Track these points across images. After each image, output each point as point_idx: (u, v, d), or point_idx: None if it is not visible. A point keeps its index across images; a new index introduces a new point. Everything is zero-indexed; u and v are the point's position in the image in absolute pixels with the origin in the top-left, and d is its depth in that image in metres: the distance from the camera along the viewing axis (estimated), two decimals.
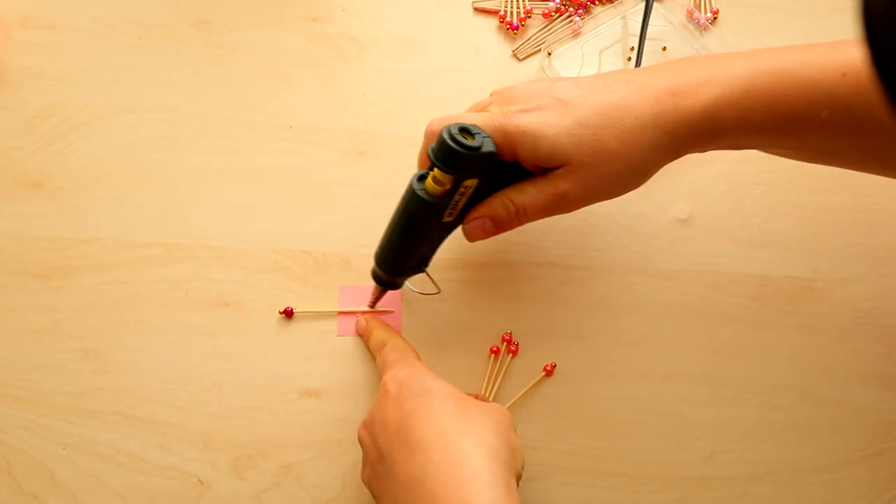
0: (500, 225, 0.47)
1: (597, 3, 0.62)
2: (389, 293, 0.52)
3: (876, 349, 0.53)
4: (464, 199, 0.45)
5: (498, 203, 0.46)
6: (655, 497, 0.49)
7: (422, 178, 0.45)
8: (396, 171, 0.57)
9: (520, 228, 0.48)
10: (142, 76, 0.59)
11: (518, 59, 0.61)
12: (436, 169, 0.43)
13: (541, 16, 0.62)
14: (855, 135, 0.43)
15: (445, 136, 0.42)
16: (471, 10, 0.62)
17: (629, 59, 0.59)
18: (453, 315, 0.53)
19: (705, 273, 0.55)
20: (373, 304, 0.52)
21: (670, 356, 0.53)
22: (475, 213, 0.47)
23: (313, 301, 0.53)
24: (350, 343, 0.52)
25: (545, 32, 0.61)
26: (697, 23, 0.61)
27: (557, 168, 0.44)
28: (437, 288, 0.51)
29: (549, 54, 0.60)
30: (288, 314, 0.53)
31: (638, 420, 0.51)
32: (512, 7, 0.62)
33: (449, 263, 0.54)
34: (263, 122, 0.58)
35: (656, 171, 0.46)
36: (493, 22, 0.62)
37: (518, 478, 0.43)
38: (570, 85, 0.45)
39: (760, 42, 0.61)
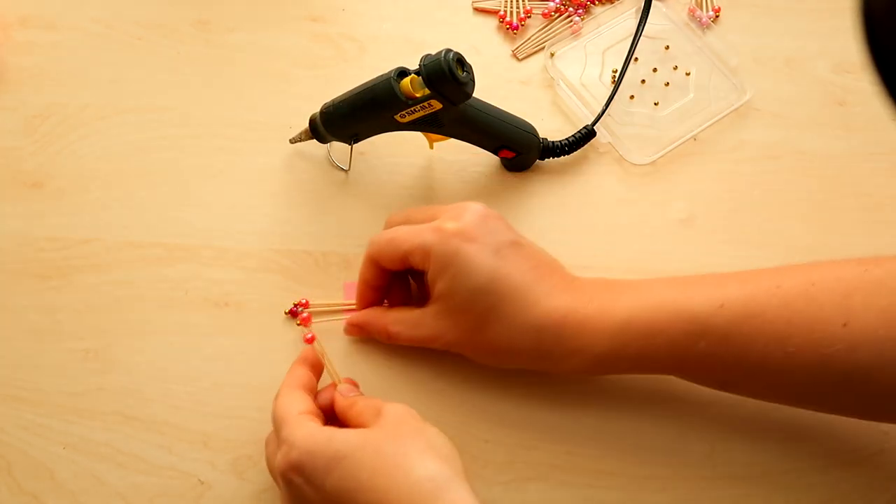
0: (371, 336, 0.51)
1: (597, 2, 0.62)
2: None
3: None
4: (420, 114, 0.49)
5: (375, 323, 0.50)
6: (655, 497, 0.49)
7: (401, 74, 0.49)
8: (397, 170, 0.57)
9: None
10: (142, 76, 0.59)
11: (518, 59, 0.61)
12: (418, 77, 0.48)
13: (541, 16, 0.62)
14: (741, 366, 0.43)
15: (442, 58, 0.47)
16: (471, 10, 0.62)
17: (636, 59, 0.59)
18: None
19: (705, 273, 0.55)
20: (293, 141, 0.56)
21: None
22: (356, 320, 0.51)
23: (313, 301, 0.53)
24: (351, 342, 0.52)
25: (545, 32, 0.61)
26: (699, 21, 0.61)
27: (436, 307, 0.47)
28: (348, 167, 0.56)
29: (552, 55, 0.60)
30: (293, 314, 0.53)
31: (638, 420, 0.51)
32: (512, 7, 0.62)
33: None
34: (263, 122, 0.58)
35: (525, 365, 0.48)
36: (492, 22, 0.62)
37: (462, 469, 0.42)
38: (512, 247, 0.47)
39: (761, 41, 0.61)
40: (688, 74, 0.59)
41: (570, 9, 0.62)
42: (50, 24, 0.60)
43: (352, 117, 0.52)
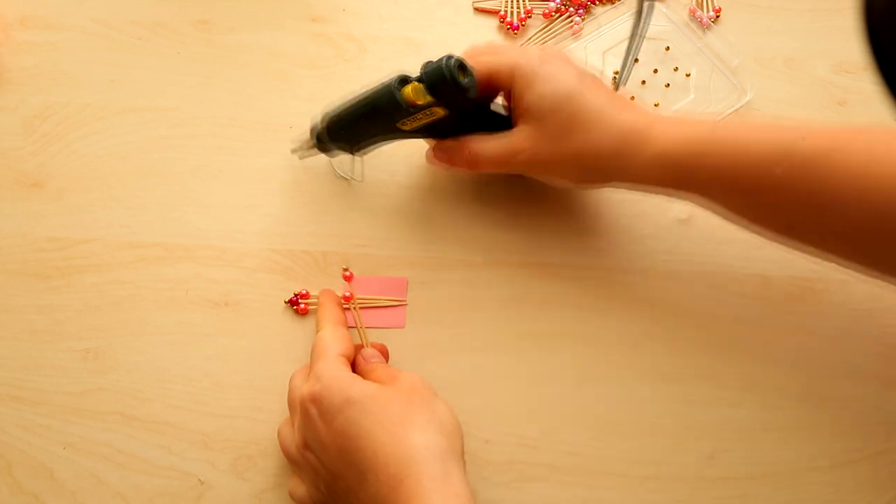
0: (454, 163, 0.51)
1: (597, 3, 0.62)
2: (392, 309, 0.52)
3: (876, 349, 0.53)
4: (423, 121, 0.48)
5: (458, 145, 0.50)
6: (655, 497, 0.49)
7: (403, 82, 0.48)
8: (397, 170, 0.57)
9: (521, 228, 0.49)
10: (142, 76, 0.59)
11: None
12: (420, 84, 0.46)
13: (541, 16, 0.62)
14: (813, 203, 0.43)
15: (443, 65, 0.45)
16: (471, 10, 0.62)
17: (636, 60, 0.59)
18: (453, 315, 0.53)
19: (705, 273, 0.55)
20: (294, 151, 0.56)
21: (670, 356, 0.53)
22: (439, 146, 0.51)
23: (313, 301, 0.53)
24: None
25: (545, 33, 0.61)
26: (700, 22, 0.61)
27: (519, 126, 0.48)
28: (360, 177, 0.55)
29: None
30: (293, 303, 0.53)
31: (638, 420, 0.51)
32: (512, 7, 0.62)
33: (449, 263, 0.54)
34: (263, 122, 0.58)
35: (599, 183, 0.50)
36: (493, 22, 0.62)
37: (461, 451, 0.43)
38: (580, 78, 0.48)
39: (762, 41, 0.61)
40: (688, 76, 0.59)
41: (571, 9, 0.62)
42: (50, 24, 0.60)
43: (354, 126, 0.51)
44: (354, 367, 0.49)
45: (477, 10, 0.62)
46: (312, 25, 0.61)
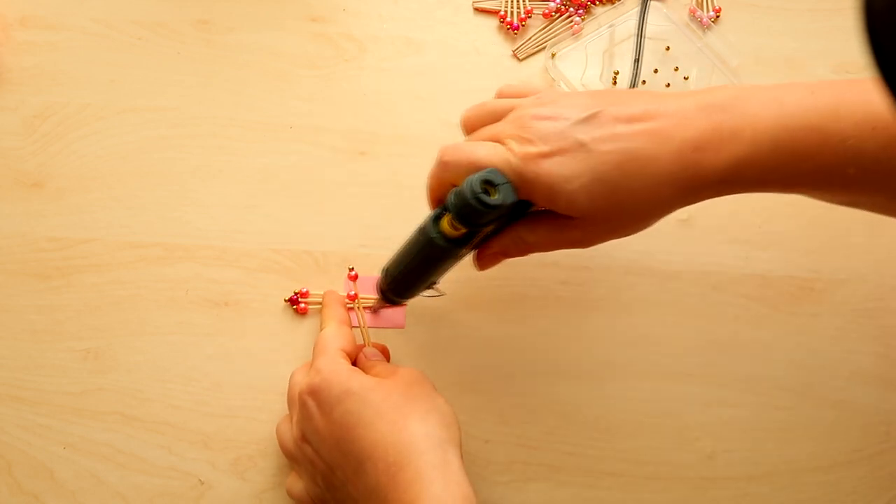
0: (509, 256, 0.46)
1: (597, 3, 0.62)
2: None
3: (876, 349, 0.53)
4: (478, 239, 0.44)
5: (509, 241, 0.45)
6: (655, 497, 0.49)
7: (437, 218, 0.42)
8: (396, 171, 0.57)
9: None
10: (142, 76, 0.59)
11: (518, 59, 0.61)
12: (451, 218, 0.41)
13: (541, 16, 0.62)
14: (882, 190, 0.42)
15: (468, 195, 0.39)
16: (471, 10, 0.62)
17: (635, 60, 0.59)
18: (453, 315, 0.53)
19: (705, 273, 0.55)
20: (375, 310, 0.52)
21: (670, 356, 0.53)
22: (488, 251, 0.46)
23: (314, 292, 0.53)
24: None
25: (545, 32, 0.61)
26: (700, 21, 0.61)
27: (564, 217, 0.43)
28: (441, 292, 0.50)
29: (553, 55, 0.60)
30: (293, 302, 0.53)
31: (638, 420, 0.51)
32: (512, 7, 0.62)
33: None
34: (263, 122, 0.58)
35: (669, 213, 0.44)
36: (493, 22, 0.62)
37: (460, 443, 0.43)
38: (590, 122, 0.42)
39: (762, 41, 0.61)
40: (686, 79, 0.59)
41: (571, 9, 0.62)
42: (50, 24, 0.60)
43: (419, 281, 0.47)
44: (356, 364, 0.49)
45: (477, 10, 0.62)
46: (312, 25, 0.61)
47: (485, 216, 0.40)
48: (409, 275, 0.46)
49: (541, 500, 0.49)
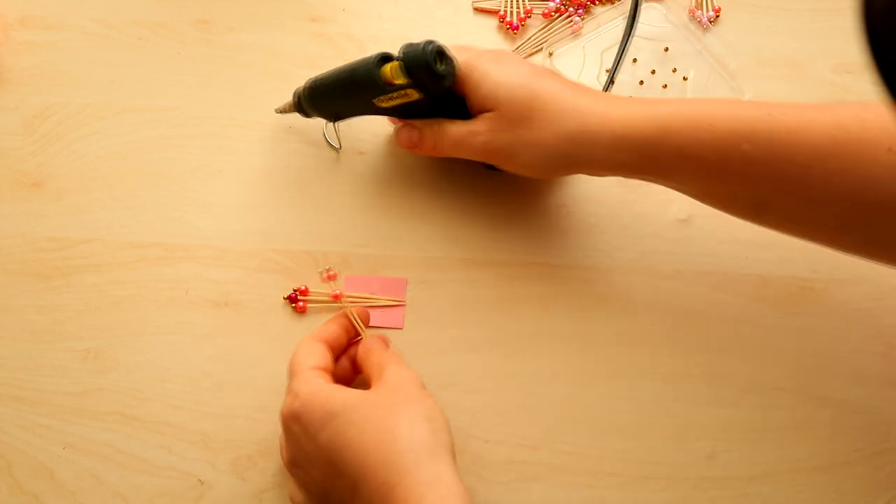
0: (420, 140, 0.51)
1: (597, 3, 0.62)
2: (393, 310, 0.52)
3: (876, 349, 0.53)
4: (398, 101, 0.49)
5: (422, 127, 0.51)
6: (655, 497, 0.49)
7: (383, 60, 0.49)
8: (396, 171, 0.57)
9: (521, 228, 0.49)
10: (142, 76, 0.59)
11: None
12: (399, 65, 0.47)
13: (541, 16, 0.62)
14: (781, 181, 0.43)
15: (422, 48, 0.46)
16: (471, 10, 0.62)
17: (634, 60, 0.59)
18: (453, 315, 0.53)
19: (705, 273, 0.55)
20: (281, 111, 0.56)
21: (670, 356, 0.53)
22: (405, 127, 0.52)
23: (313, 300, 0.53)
24: None
25: (545, 32, 0.61)
26: (699, 22, 0.61)
27: (479, 115, 0.49)
28: (339, 144, 0.56)
29: (551, 55, 0.60)
30: (292, 299, 0.53)
31: (638, 420, 0.51)
32: (512, 7, 0.62)
33: (449, 263, 0.54)
34: (263, 122, 0.58)
35: (564, 170, 0.50)
36: (493, 22, 0.62)
37: (451, 444, 0.43)
38: (541, 68, 0.50)
39: (762, 41, 0.61)
40: (685, 79, 0.59)
41: (571, 9, 0.62)
42: (50, 24, 0.60)
43: (332, 96, 0.52)
44: (355, 358, 0.49)
45: (477, 10, 0.62)
46: (312, 25, 0.61)
47: (424, 75, 0.47)
48: (329, 84, 0.51)
49: (541, 500, 0.49)
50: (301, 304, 0.53)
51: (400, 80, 0.48)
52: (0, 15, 0.60)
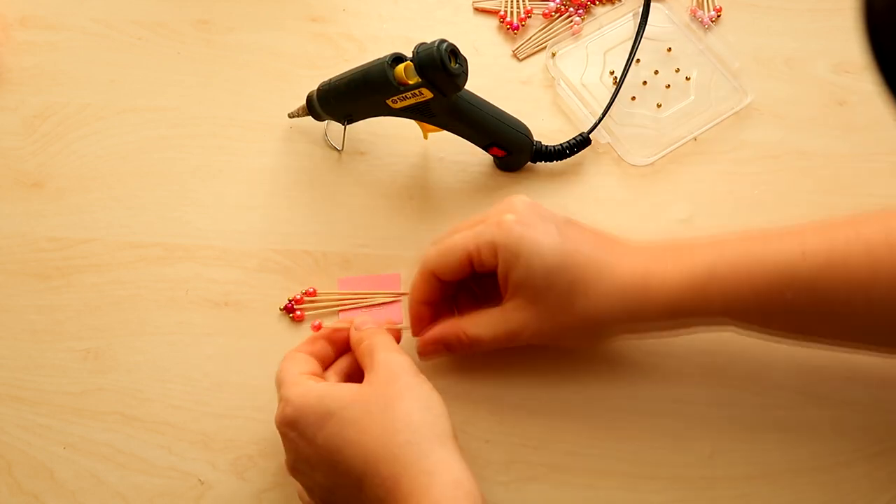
0: (451, 350, 0.49)
1: (597, 3, 0.62)
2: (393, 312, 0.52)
3: None
4: (412, 101, 0.50)
5: (451, 333, 0.48)
6: (655, 497, 0.49)
7: (397, 60, 0.50)
8: (396, 171, 0.57)
9: None
10: (142, 76, 0.59)
11: (518, 59, 0.61)
12: (412, 64, 0.48)
13: (541, 16, 0.62)
14: (824, 312, 0.44)
15: (435, 48, 0.47)
16: (471, 10, 0.62)
17: (637, 61, 0.59)
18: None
19: None
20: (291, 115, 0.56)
21: (670, 356, 0.53)
22: (430, 337, 0.49)
23: (313, 300, 0.53)
24: None
25: (545, 32, 0.61)
26: (700, 22, 0.61)
27: (514, 301, 0.46)
28: (341, 147, 0.56)
29: (554, 55, 0.60)
30: (288, 310, 0.53)
31: (638, 420, 0.51)
32: (512, 7, 0.62)
33: None
34: (263, 122, 0.58)
35: (611, 338, 0.49)
36: (493, 22, 0.62)
37: (450, 429, 0.43)
38: (564, 221, 0.47)
39: (762, 41, 0.61)
40: (688, 79, 0.59)
41: (571, 9, 0.62)
42: (50, 24, 0.60)
43: (346, 97, 0.53)
44: (351, 346, 0.48)
45: (477, 10, 0.62)
46: (312, 25, 0.61)
47: (437, 73, 0.47)
48: (342, 86, 0.52)
49: (541, 500, 0.49)
50: (298, 313, 0.52)
51: (413, 80, 0.49)
52: (0, 15, 0.60)
